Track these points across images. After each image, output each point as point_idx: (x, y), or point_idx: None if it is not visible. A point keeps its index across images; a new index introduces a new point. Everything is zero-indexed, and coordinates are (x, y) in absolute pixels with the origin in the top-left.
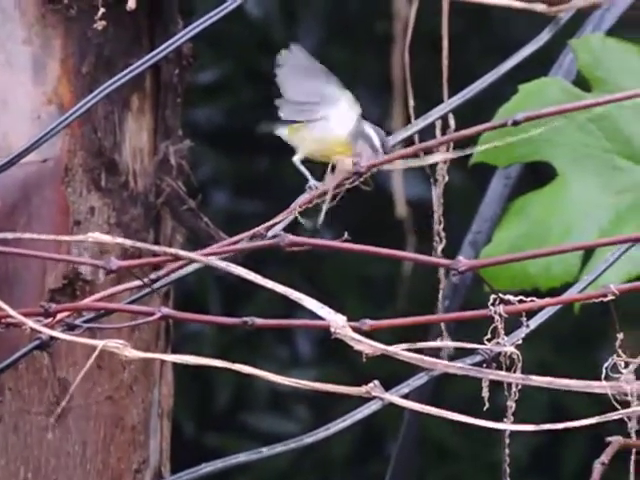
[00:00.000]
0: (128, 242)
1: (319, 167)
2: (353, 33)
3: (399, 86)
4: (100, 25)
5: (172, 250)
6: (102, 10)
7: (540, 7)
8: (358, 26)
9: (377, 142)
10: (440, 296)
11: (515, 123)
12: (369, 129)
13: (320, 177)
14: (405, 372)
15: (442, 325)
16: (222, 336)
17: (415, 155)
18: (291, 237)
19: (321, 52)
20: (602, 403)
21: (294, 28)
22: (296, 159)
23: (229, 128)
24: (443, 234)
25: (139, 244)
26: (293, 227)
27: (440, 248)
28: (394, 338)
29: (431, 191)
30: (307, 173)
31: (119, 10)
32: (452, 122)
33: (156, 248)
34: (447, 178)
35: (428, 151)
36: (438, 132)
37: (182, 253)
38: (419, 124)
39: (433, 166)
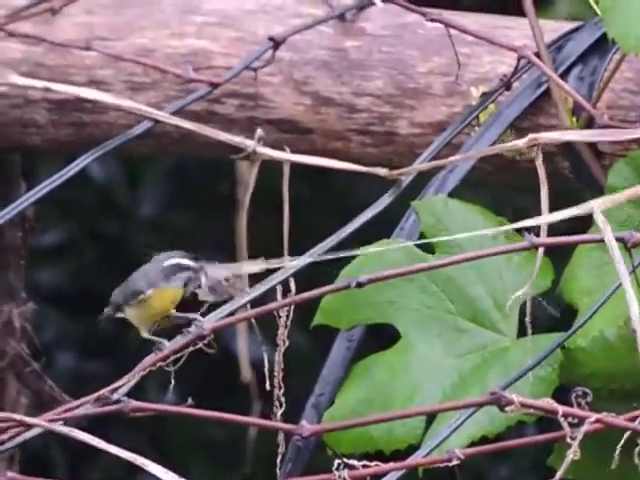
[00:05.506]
0: None
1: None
2: (196, 195)
3: (243, 249)
4: None
5: (17, 416)
6: None
7: (382, 171)
8: (201, 188)
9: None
10: (279, 460)
11: (359, 285)
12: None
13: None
14: None
15: None
16: None
17: (255, 318)
18: (135, 402)
19: (164, 215)
20: None
21: (137, 191)
22: (144, 334)
23: (73, 289)
24: (283, 399)
25: None
26: (138, 389)
27: (280, 412)
28: None
29: (275, 353)
30: (156, 338)
31: None
32: (292, 285)
33: (1, 414)
34: (287, 342)
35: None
36: (279, 295)
37: (27, 420)
38: (260, 288)
39: (275, 329)
